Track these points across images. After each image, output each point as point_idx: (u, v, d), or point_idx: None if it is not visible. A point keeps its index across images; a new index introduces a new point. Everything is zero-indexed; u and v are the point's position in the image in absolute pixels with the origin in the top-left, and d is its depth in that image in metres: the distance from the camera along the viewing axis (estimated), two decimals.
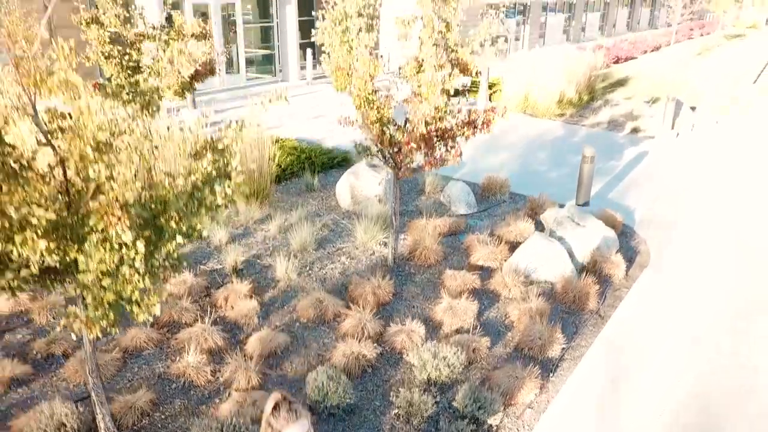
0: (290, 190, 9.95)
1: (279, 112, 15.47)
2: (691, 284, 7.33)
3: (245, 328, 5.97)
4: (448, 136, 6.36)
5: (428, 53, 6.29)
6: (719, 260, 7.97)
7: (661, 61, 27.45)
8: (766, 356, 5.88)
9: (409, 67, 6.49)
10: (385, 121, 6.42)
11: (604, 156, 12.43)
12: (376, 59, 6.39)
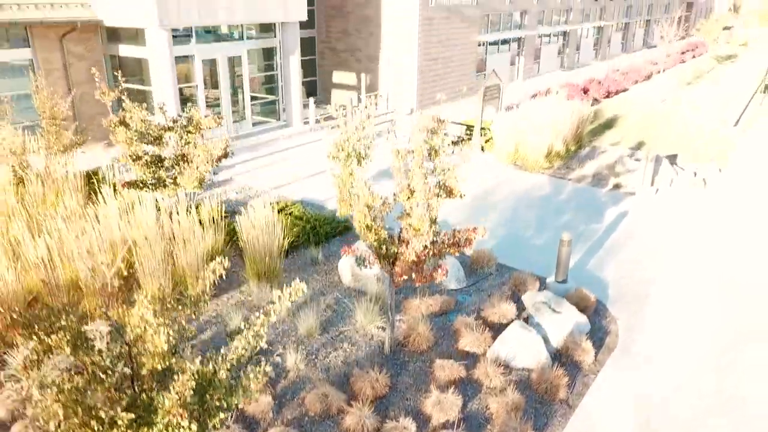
0: (297, 263, 10.93)
1: (285, 166, 16.45)
2: (657, 364, 8.31)
3: (262, 423, 6.96)
4: (435, 254, 7.33)
5: (419, 182, 7.27)
6: (686, 338, 8.95)
7: (652, 92, 28.45)
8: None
9: (402, 195, 7.43)
10: (381, 241, 7.38)
11: (587, 217, 13.43)
12: (374, 194, 7.33)
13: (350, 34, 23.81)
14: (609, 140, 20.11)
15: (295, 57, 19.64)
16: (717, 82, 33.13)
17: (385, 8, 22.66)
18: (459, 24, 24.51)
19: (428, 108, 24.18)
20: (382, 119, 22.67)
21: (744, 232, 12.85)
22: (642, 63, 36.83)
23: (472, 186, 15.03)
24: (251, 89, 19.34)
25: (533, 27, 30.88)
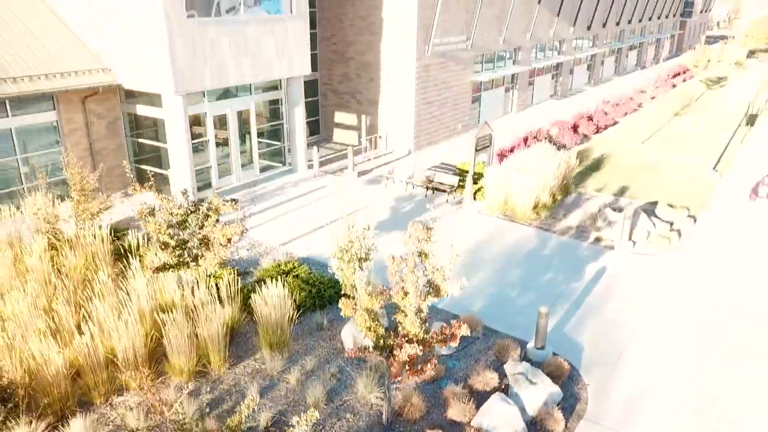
0: (304, 328, 12.18)
1: (292, 218, 17.70)
2: (622, 428, 9.59)
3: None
4: (424, 349, 8.59)
5: (411, 286, 8.54)
6: (653, 404, 10.22)
7: (640, 125, 29.69)
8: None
9: (397, 296, 8.69)
10: (379, 336, 8.64)
11: (568, 276, 14.69)
12: (372, 297, 8.59)
13: (351, 79, 25.10)
14: (595, 184, 21.40)
15: (300, 108, 20.93)
16: (704, 109, 34.43)
17: (385, 56, 23.95)
18: (454, 67, 25.81)
19: (425, 148, 25.50)
20: (382, 160, 24.01)
21: (714, 292, 14.11)
22: (632, 91, 38.11)
23: (465, 239, 16.37)
24: (258, 136, 20.62)
25: (527, 62, 32.17)
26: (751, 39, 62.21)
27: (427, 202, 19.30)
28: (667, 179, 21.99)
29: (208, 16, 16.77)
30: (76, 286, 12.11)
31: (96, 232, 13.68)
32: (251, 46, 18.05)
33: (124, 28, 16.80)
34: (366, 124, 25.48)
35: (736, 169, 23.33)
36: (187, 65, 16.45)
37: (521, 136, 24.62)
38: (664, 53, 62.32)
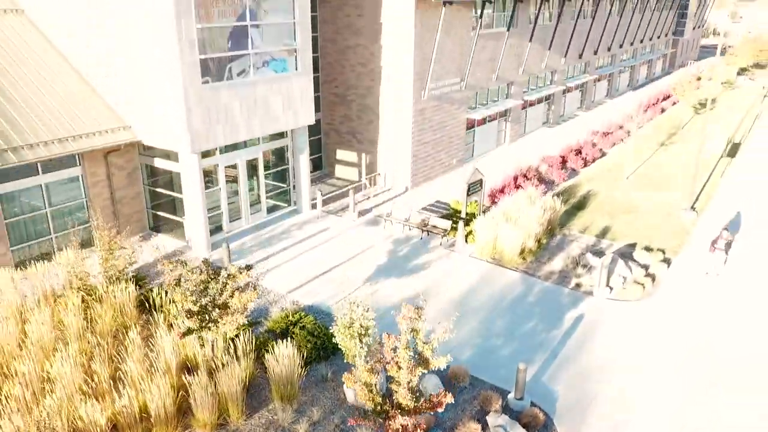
0: (311, 380, 13.67)
1: (298, 264, 19.21)
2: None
3: None
4: (415, 413, 10.14)
5: (404, 360, 10.08)
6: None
7: (627, 157, 31.14)
8: None
9: (392, 370, 10.23)
10: (376, 403, 10.18)
11: (548, 324, 16.22)
12: (370, 374, 10.13)
13: (352, 120, 26.65)
14: (580, 224, 22.94)
15: (304, 155, 22.48)
16: (689, 138, 35.94)
17: (383, 99, 25.49)
18: (449, 108, 27.35)
19: (421, 185, 27.02)
20: (381, 198, 25.55)
21: (682, 338, 15.65)
22: (622, 117, 39.68)
23: (457, 286, 17.93)
24: (265, 177, 22.14)
25: (519, 95, 33.72)
26: (738, 58, 63.39)
27: (423, 244, 20.83)
28: (646, 219, 23.53)
29: (221, 80, 18.31)
30: (108, 341, 13.68)
31: (123, 286, 15.24)
32: (260, 104, 19.60)
33: (144, 91, 18.34)
34: (366, 161, 27.03)
35: (712, 207, 24.89)
36: (202, 127, 18.00)
37: (511, 175, 26.14)
38: (657, 71, 63.89)
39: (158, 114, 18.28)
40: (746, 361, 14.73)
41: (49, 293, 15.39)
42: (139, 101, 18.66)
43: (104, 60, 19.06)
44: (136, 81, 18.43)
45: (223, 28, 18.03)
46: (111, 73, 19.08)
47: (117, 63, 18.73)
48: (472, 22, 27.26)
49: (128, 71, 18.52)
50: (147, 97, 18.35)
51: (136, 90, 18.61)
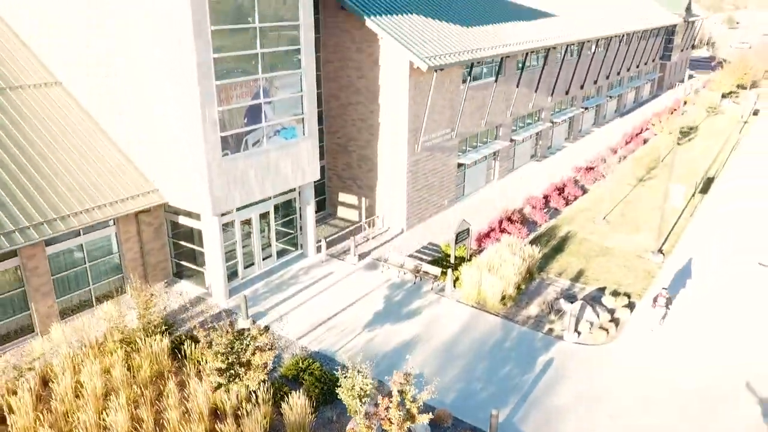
0: (319, 422, 16.26)
1: (306, 309, 21.83)
2: None
3: None
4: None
5: (395, 418, 12.73)
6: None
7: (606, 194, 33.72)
8: None
9: (386, 425, 12.87)
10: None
11: (523, 367, 18.83)
12: (369, 429, 12.77)
13: (353, 167, 29.31)
14: (557, 267, 25.56)
15: (311, 206, 25.15)
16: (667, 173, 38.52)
17: (381, 151, 28.13)
18: (440, 155, 30.01)
19: (415, 226, 29.64)
20: (379, 240, 28.17)
21: (640, 379, 18.27)
22: (605, 150, 42.35)
23: (444, 331, 20.54)
24: (275, 224, 24.80)
25: (507, 136, 36.38)
26: (721, 84, 65.65)
27: (416, 289, 23.46)
28: (618, 262, 26.17)
29: (238, 151, 20.97)
30: (149, 390, 16.34)
31: (158, 338, 17.89)
32: (272, 168, 22.26)
33: (172, 162, 20.99)
34: (365, 204, 29.68)
35: (678, 250, 27.52)
36: (222, 193, 20.66)
37: (497, 219, 28.74)
38: (645, 94, 66.54)
39: (184, 182, 20.92)
40: (693, 401, 17.36)
41: (95, 344, 18.05)
42: (167, 169, 21.31)
43: (137, 133, 21.72)
44: (165, 153, 21.07)
45: (240, 107, 20.69)
46: (142, 144, 21.73)
47: (148, 137, 21.39)
48: (462, 78, 29.91)
49: (158, 144, 21.17)
50: (174, 167, 20.99)
51: (164, 160, 21.25)
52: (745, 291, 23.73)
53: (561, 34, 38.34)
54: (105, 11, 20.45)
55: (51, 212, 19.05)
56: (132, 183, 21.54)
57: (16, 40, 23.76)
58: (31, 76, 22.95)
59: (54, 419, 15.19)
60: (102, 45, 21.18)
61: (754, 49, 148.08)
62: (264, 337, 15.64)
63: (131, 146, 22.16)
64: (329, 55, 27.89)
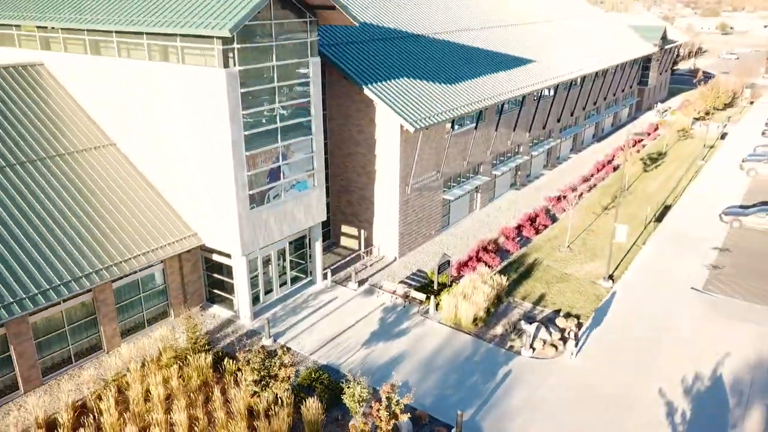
0: (328, 420, 21.48)
1: (317, 329, 27.06)
2: None
3: None
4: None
5: (383, 417, 18.02)
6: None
7: (572, 223, 38.98)
8: None
9: (377, 421, 18.13)
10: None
11: (487, 378, 24.08)
12: (365, 424, 18.06)
13: (354, 205, 34.61)
14: (523, 292, 30.84)
15: (318, 241, 30.43)
16: (630, 201, 43.82)
17: (377, 193, 33.43)
18: (428, 194, 35.31)
19: (406, 254, 34.93)
20: (375, 267, 33.46)
21: (584, 383, 23.55)
22: (578, 179, 47.61)
23: (427, 347, 25.79)
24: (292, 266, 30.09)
25: (488, 172, 41.66)
26: (691, 109, 70.55)
27: (405, 312, 28.73)
28: (574, 287, 31.45)
29: (262, 204, 26.26)
30: (200, 396, 21.62)
31: (203, 356, 23.16)
32: (288, 215, 27.57)
33: (209, 213, 26.26)
34: (364, 235, 34.97)
35: (627, 277, 32.80)
36: (249, 238, 25.95)
37: (474, 248, 34.03)
38: (623, 117, 71.78)
39: (218, 229, 26.21)
40: (611, 403, 22.65)
41: (154, 359, 23.36)
42: (205, 218, 26.58)
43: (179, 188, 26.99)
44: (203, 205, 26.34)
45: (264, 170, 25.98)
46: (184, 197, 26.99)
47: (189, 192, 26.66)
48: (446, 129, 35.22)
49: (197, 198, 26.43)
50: (210, 217, 26.27)
51: (202, 211, 26.52)
52: (668, 315, 29.02)
53: (535, 81, 43.64)
54: (155, 94, 25.72)
55: (117, 256, 24.34)
56: (176, 229, 26.83)
57: (81, 112, 29.03)
58: (92, 140, 28.22)
59: (131, 418, 20.50)
60: (151, 117, 26.46)
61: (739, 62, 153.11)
62: (287, 357, 20.95)
63: (174, 198, 27.43)
64: (334, 113, 33.19)
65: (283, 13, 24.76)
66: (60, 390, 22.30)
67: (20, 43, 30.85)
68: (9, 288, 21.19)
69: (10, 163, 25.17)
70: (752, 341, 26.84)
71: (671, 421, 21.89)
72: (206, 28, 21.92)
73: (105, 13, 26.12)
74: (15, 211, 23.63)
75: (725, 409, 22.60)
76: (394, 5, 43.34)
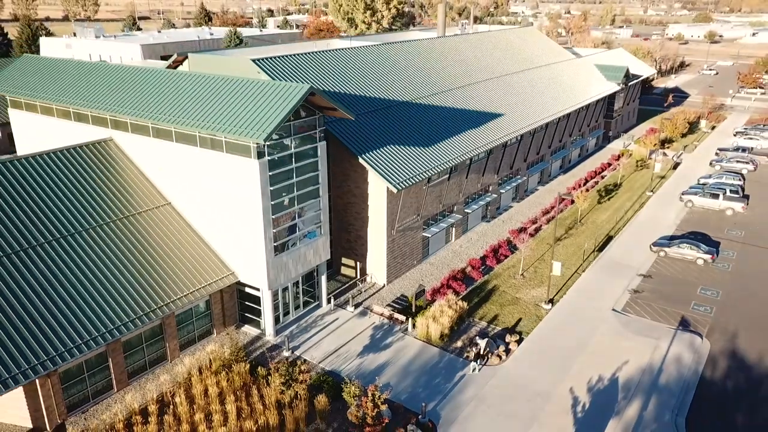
0: (332, 408, 30.67)
1: (323, 345, 36.24)
2: None
3: None
4: (374, 425, 27.27)
5: (369, 407, 27.25)
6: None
7: (527, 254, 48.14)
8: None
9: (366, 410, 27.33)
10: (359, 419, 27.35)
11: (447, 380, 33.27)
12: (357, 411, 27.30)
13: (351, 242, 43.82)
14: (481, 313, 40.03)
15: (324, 275, 39.67)
16: (581, 233, 52.98)
17: (369, 234, 42.65)
18: (410, 232, 44.51)
19: (393, 281, 44.12)
20: (368, 292, 42.69)
21: (521, 384, 32.75)
22: (539, 212, 56.80)
23: (405, 357, 35.06)
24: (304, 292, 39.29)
25: (461, 210, 50.88)
26: (649, 141, 79.51)
27: (390, 329, 37.92)
28: (522, 309, 40.64)
29: (283, 252, 35.47)
30: (240, 391, 30.83)
31: (243, 365, 32.34)
32: (301, 257, 36.80)
33: (244, 257, 35.46)
34: (359, 266, 44.19)
35: (564, 300, 41.98)
36: (273, 277, 35.17)
37: (446, 276, 43.25)
38: (591, 147, 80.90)
39: (251, 270, 35.43)
40: (537, 398, 31.85)
41: (208, 366, 32.57)
42: (240, 262, 35.76)
43: (222, 239, 36.18)
44: (240, 253, 35.54)
45: (285, 227, 35.21)
46: (225, 246, 36.18)
47: (229, 242, 35.84)
48: (424, 182, 44.45)
49: (235, 248, 35.63)
50: (245, 262, 35.47)
51: (239, 257, 35.70)
52: (588, 332, 38.25)
53: (503, 134, 52.91)
54: (204, 169, 34.88)
55: (179, 292, 33.55)
56: (219, 270, 36.03)
57: (143, 177, 38.25)
58: (153, 201, 37.43)
59: (196, 408, 29.72)
60: (199, 184, 35.62)
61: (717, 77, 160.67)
62: (304, 366, 30.18)
63: (217, 246, 36.61)
64: (336, 172, 42.36)
65: (298, 114, 33.97)
66: (143, 389, 31.55)
67: (93, 121, 40.00)
68: (110, 318, 30.42)
69: (95, 225, 34.36)
70: (648, 352, 36.07)
71: (575, 410, 31.13)
72: (246, 136, 31.04)
73: (165, 109, 35.26)
74: (105, 261, 32.83)
75: (614, 401, 31.85)
76: (387, 77, 52.55)
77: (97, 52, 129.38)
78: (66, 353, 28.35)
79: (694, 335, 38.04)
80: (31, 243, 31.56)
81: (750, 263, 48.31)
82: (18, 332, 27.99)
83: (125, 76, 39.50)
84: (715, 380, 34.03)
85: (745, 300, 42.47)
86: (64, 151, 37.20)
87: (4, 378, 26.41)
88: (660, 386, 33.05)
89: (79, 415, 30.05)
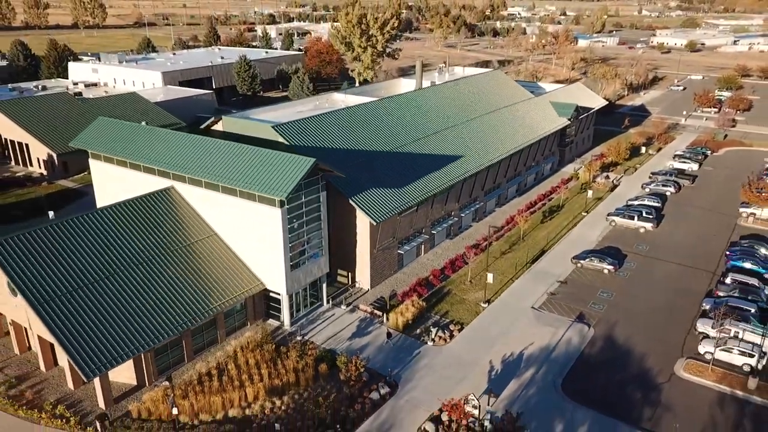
0: (330, 373, 46.64)
1: (324, 332, 52.21)
2: None
3: None
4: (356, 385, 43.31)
5: (353, 370, 43.34)
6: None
7: (477, 265, 64.09)
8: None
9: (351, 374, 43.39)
10: (348, 378, 43.46)
11: (407, 356, 49.32)
12: (346, 373, 43.41)
13: (345, 257, 59.78)
14: (436, 308, 56.03)
15: (325, 282, 55.73)
16: (523, 248, 68.92)
17: (357, 251, 58.63)
18: (388, 250, 60.44)
19: (377, 286, 60.09)
20: (357, 294, 58.83)
21: (464, 359, 48.78)
22: (492, 231, 72.76)
23: (379, 341, 51.27)
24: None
25: (428, 232, 66.85)
26: (594, 167, 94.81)
27: (371, 322, 53.88)
28: (466, 306, 56.59)
29: (297, 268, 51.47)
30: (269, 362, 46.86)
31: (269, 346, 48.37)
32: (309, 271, 52.84)
33: (270, 272, 51.40)
34: (350, 275, 60.20)
35: (499, 300, 57.93)
36: (290, 286, 51.18)
37: (414, 283, 59.27)
38: (547, 171, 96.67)
39: (274, 281, 51.41)
40: (469, 366, 47.88)
41: (247, 346, 48.58)
42: (267, 275, 51.72)
43: (252, 256, 52.13)
44: (266, 268, 51.49)
45: (299, 250, 51.21)
46: (255, 263, 52.13)
47: (258, 260, 51.79)
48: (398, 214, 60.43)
49: (263, 264, 51.58)
50: (270, 275, 51.45)
51: (266, 271, 51.66)
52: (510, 323, 54.25)
53: (463, 171, 68.83)
54: (240, 212, 50.76)
55: (225, 296, 49.50)
56: (252, 281, 51.98)
57: (196, 215, 54.21)
58: (203, 233, 53.36)
59: (242, 371, 45.76)
60: (238, 221, 51.50)
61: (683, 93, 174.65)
62: (311, 345, 46.26)
63: (251, 264, 52.51)
64: (336, 207, 58.17)
65: (306, 176, 49.90)
66: (206, 360, 47.58)
67: (158, 173, 55.88)
68: (182, 314, 46.45)
69: (167, 250, 50.30)
70: (548, 337, 52.06)
71: (491, 374, 47.15)
72: (272, 193, 46.91)
73: (215, 169, 51.10)
74: (177, 275, 48.79)
75: (518, 368, 47.89)
76: (373, 131, 68.44)
77: (122, 77, 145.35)
78: (157, 338, 44.36)
79: (584, 325, 54.08)
80: (131, 263, 47.58)
81: (643, 272, 64.30)
82: (128, 325, 44.00)
83: (184, 141, 55.50)
84: (591, 355, 50.06)
85: (629, 300, 58.48)
86: (142, 198, 53.21)
87: (122, 354, 42.42)
88: (551, 359, 49.12)
89: (164, 376, 46.13)
